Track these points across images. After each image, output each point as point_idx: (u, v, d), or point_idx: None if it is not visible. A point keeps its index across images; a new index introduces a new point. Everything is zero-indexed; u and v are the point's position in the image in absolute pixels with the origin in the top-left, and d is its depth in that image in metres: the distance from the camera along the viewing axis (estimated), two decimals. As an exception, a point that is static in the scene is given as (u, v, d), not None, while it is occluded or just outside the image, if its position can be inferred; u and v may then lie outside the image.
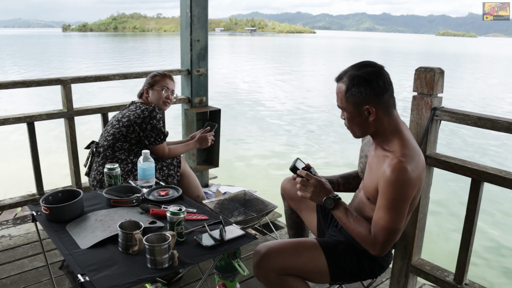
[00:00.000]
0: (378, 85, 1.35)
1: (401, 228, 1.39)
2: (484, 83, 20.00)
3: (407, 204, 1.36)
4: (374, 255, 1.43)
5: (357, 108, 1.39)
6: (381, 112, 1.38)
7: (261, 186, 5.38)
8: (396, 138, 1.40)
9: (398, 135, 1.41)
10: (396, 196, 1.33)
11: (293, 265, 1.49)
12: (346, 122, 1.47)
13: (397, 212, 1.35)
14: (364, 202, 1.55)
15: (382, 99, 1.37)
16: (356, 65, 1.41)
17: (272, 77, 19.31)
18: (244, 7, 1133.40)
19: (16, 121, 2.60)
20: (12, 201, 2.74)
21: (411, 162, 1.34)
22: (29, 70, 20.79)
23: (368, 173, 1.52)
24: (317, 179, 1.51)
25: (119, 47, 49.54)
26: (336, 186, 1.78)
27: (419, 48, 65.78)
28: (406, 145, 1.38)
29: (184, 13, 3.16)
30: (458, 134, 9.09)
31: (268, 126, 9.72)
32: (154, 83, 2.40)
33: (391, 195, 1.33)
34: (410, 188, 1.33)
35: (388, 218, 1.35)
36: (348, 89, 1.38)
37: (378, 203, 1.39)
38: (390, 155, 1.38)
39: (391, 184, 1.32)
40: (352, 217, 1.47)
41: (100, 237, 1.44)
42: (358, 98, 1.37)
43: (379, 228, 1.37)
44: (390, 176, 1.32)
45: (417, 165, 1.36)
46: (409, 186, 1.33)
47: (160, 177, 2.30)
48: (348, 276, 1.57)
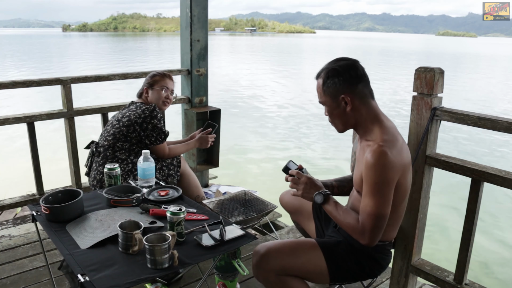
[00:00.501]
0: (350, 75, 1.43)
1: (387, 214, 1.39)
2: (485, 83, 20.01)
3: (390, 188, 1.37)
4: (365, 245, 1.43)
5: (334, 100, 1.46)
6: (357, 102, 1.44)
7: (261, 186, 5.39)
8: (377, 127, 1.45)
9: (378, 124, 1.45)
10: (377, 179, 1.35)
11: (292, 265, 1.50)
12: (328, 117, 1.53)
13: (381, 197, 1.36)
14: (355, 196, 1.56)
15: (356, 89, 1.44)
16: (331, 61, 1.50)
17: (272, 77, 19.31)
18: (244, 7, 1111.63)
19: (16, 121, 2.60)
20: (12, 201, 2.75)
21: (391, 147, 1.37)
22: (29, 69, 20.80)
23: (356, 166, 1.55)
24: (308, 176, 1.55)
25: (119, 47, 49.54)
26: (330, 190, 1.78)
27: (419, 48, 65.79)
28: (386, 132, 1.42)
29: (184, 13, 3.16)
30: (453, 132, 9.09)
31: (268, 126, 9.72)
32: (153, 83, 2.40)
33: (372, 179, 1.36)
34: (391, 171, 1.36)
35: (372, 204, 1.37)
36: (324, 82, 1.46)
37: (363, 191, 1.41)
38: (371, 143, 1.42)
39: (371, 168, 1.35)
40: (342, 209, 1.49)
41: (100, 237, 1.44)
42: (334, 89, 1.44)
43: (366, 215, 1.39)
44: (370, 161, 1.36)
45: (399, 151, 1.39)
46: (389, 168, 1.35)
47: (160, 177, 2.30)
48: (347, 276, 1.57)
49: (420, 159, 1.68)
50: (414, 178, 1.70)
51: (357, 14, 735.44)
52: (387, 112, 9.80)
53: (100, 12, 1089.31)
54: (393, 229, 1.55)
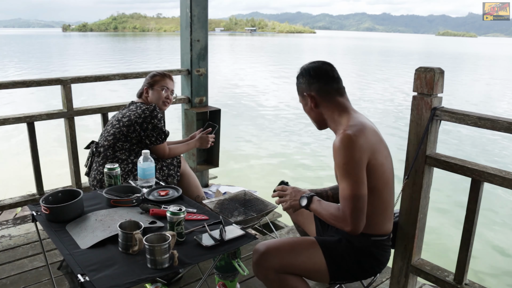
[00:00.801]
0: (310, 75, 1.57)
1: (363, 194, 1.41)
2: (484, 83, 20.01)
3: (359, 167, 1.40)
4: (350, 232, 1.43)
5: (302, 98, 1.61)
6: (320, 99, 1.56)
7: (261, 186, 5.39)
8: (344, 118, 1.52)
9: (346, 115, 1.53)
10: (345, 160, 1.40)
11: (292, 263, 1.51)
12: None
13: (352, 177, 1.40)
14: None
15: (315, 87, 1.55)
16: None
17: (273, 76, 19.31)
18: (244, 7, 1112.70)
19: (16, 121, 2.60)
20: (12, 201, 2.75)
21: (356, 130, 1.43)
22: (29, 69, 20.79)
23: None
24: (292, 186, 1.63)
25: (118, 47, 49.52)
26: (325, 198, 1.80)
27: (419, 48, 65.78)
28: (352, 120, 1.49)
29: (184, 13, 3.16)
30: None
31: (268, 126, 9.72)
32: (154, 83, 2.40)
33: (340, 161, 1.41)
34: (357, 152, 1.40)
35: (346, 186, 1.40)
36: (296, 83, 1.63)
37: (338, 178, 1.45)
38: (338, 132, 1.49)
39: (338, 152, 1.42)
40: (325, 204, 1.52)
41: (100, 237, 1.44)
42: (300, 88, 1.61)
43: (343, 200, 1.42)
44: (336, 145, 1.42)
45: (364, 133, 1.44)
46: (354, 149, 1.40)
47: (160, 177, 2.30)
48: (347, 275, 1.57)
49: (420, 159, 1.68)
50: (414, 178, 1.70)
51: (357, 14, 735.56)
52: (387, 112, 9.78)
53: (100, 12, 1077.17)
54: (385, 220, 1.55)
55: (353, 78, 19.23)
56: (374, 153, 1.44)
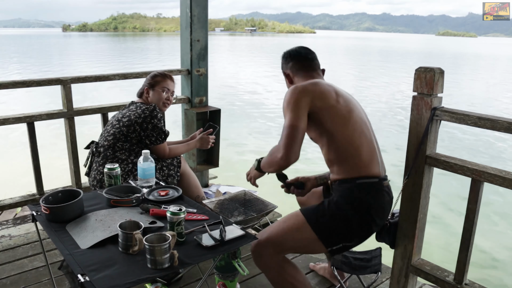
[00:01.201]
0: (285, 56, 1.85)
1: (299, 126, 1.54)
2: (485, 83, 20.01)
3: (299, 105, 1.57)
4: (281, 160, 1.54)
5: (284, 76, 1.85)
6: (292, 74, 1.80)
7: (261, 186, 5.37)
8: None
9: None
10: (288, 101, 1.60)
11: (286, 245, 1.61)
12: None
13: (292, 112, 1.56)
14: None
15: (290, 65, 1.81)
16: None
17: (273, 75, 19.30)
18: (244, 7, 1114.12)
19: (16, 121, 2.60)
20: (12, 201, 2.75)
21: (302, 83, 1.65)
22: (29, 68, 20.79)
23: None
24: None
25: (118, 47, 49.51)
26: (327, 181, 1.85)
27: (419, 48, 65.76)
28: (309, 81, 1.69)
29: (184, 13, 3.16)
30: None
31: (268, 126, 9.72)
32: (155, 84, 2.39)
33: (284, 103, 1.62)
34: (299, 93, 1.60)
35: (286, 119, 1.58)
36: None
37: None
38: None
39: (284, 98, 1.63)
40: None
41: (100, 237, 1.44)
42: (282, 68, 1.87)
43: (282, 131, 1.57)
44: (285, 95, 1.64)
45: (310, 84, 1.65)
46: (297, 91, 1.60)
47: (160, 177, 2.30)
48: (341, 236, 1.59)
49: (420, 159, 1.68)
50: (414, 178, 1.70)
51: (357, 14, 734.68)
52: (387, 112, 9.75)
53: (100, 12, 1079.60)
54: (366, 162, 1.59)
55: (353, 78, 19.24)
56: (322, 97, 1.60)
